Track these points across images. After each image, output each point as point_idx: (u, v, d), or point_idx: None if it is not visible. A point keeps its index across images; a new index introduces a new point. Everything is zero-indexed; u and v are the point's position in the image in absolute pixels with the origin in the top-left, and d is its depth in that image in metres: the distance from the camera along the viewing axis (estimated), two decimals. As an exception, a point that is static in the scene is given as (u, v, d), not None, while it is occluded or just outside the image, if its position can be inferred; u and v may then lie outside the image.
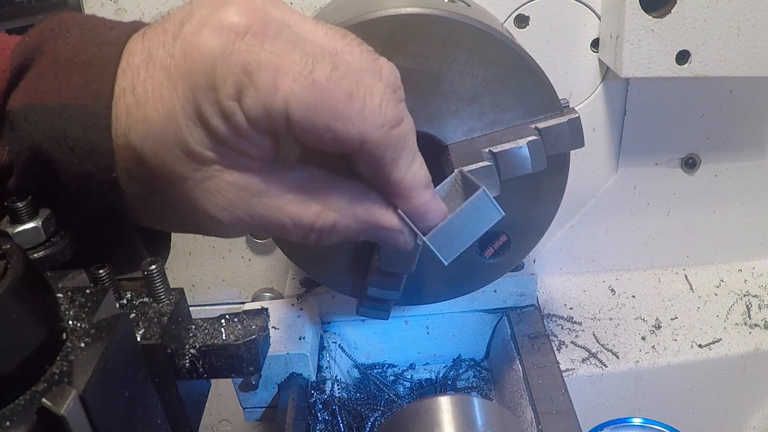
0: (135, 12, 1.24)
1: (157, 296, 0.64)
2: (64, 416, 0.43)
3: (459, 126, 0.94)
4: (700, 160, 1.38)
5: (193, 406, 0.68)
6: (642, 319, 1.37)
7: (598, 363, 1.28)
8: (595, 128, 1.33)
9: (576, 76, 1.28)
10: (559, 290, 1.45)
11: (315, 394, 1.16)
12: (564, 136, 0.93)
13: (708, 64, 1.12)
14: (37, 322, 0.47)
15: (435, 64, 0.90)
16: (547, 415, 1.06)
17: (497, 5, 1.21)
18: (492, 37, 0.89)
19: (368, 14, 0.87)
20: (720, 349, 1.32)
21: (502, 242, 1.03)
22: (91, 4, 1.25)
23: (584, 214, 1.42)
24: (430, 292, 1.09)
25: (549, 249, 1.45)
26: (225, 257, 1.48)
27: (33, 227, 0.64)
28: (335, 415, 1.13)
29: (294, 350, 1.16)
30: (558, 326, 1.35)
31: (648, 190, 1.41)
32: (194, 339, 0.65)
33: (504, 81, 0.92)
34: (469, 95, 0.92)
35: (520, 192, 0.99)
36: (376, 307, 1.05)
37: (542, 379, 1.13)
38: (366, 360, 1.35)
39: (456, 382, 1.31)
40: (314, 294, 1.29)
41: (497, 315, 1.31)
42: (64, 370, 0.47)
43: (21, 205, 0.64)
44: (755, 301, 1.41)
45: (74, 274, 0.60)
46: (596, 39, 1.25)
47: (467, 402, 0.77)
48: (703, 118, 1.34)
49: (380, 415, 1.16)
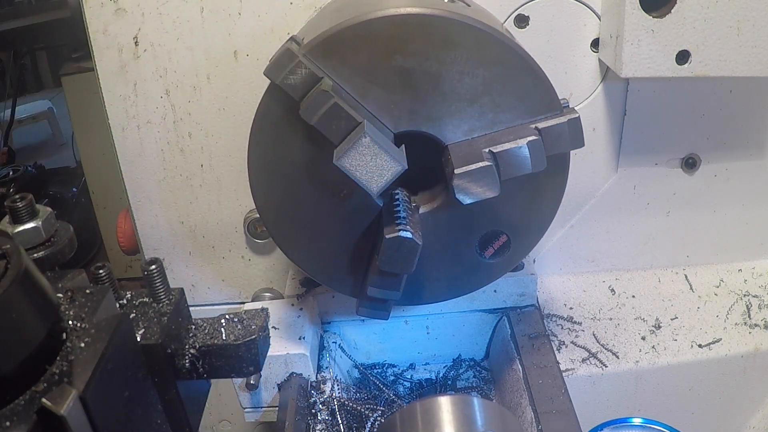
0: (135, 12, 1.24)
1: (157, 296, 0.64)
2: (64, 416, 0.43)
3: (459, 126, 0.94)
4: (700, 160, 1.38)
5: (193, 406, 0.68)
6: (642, 319, 1.37)
7: (598, 363, 1.28)
8: (595, 128, 1.33)
9: (576, 76, 1.28)
10: (559, 290, 1.45)
11: (315, 394, 1.15)
12: (564, 136, 0.93)
13: (708, 64, 1.12)
14: (37, 322, 0.47)
15: (435, 64, 0.90)
16: (547, 415, 1.06)
17: (497, 5, 1.21)
18: (492, 37, 0.89)
19: (368, 14, 0.87)
20: (720, 349, 1.32)
21: (502, 242, 1.03)
22: (91, 4, 1.25)
23: (584, 214, 1.42)
24: (430, 292, 1.09)
25: (549, 249, 1.45)
26: (225, 257, 1.48)
27: (33, 227, 0.64)
28: (335, 415, 1.13)
29: (294, 350, 1.16)
30: (558, 326, 1.35)
31: (648, 190, 1.41)
32: (194, 339, 0.65)
33: (504, 81, 0.92)
34: (469, 95, 0.92)
35: (520, 192, 0.99)
36: (376, 307, 1.05)
37: (542, 379, 1.13)
38: (366, 360, 1.35)
39: (456, 382, 1.31)
40: (314, 294, 1.29)
41: (497, 315, 1.31)
42: (64, 370, 0.47)
43: (21, 205, 0.64)
44: (755, 301, 1.41)
45: (74, 274, 0.60)
46: (596, 39, 1.25)
47: (467, 402, 0.77)
48: (703, 118, 1.34)
49: (380, 415, 1.16)
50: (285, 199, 1.00)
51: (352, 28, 0.88)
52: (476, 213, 0.99)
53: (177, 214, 1.42)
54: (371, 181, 0.87)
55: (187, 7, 1.24)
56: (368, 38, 0.88)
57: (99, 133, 1.88)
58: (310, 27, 1.02)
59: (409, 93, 0.92)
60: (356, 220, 1.01)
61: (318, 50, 0.89)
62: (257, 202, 1.01)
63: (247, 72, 1.29)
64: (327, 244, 1.03)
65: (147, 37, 1.26)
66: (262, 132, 0.96)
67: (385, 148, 0.86)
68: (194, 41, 1.27)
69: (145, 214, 1.43)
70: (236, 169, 1.37)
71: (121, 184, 1.41)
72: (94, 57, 1.29)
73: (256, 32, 1.26)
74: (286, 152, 0.96)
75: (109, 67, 1.30)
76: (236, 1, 1.24)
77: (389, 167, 0.86)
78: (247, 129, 0.96)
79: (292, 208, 1.00)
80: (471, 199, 0.90)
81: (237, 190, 1.40)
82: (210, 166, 1.37)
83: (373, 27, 0.87)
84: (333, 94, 0.87)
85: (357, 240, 1.02)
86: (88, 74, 2.99)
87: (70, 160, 4.62)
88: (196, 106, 1.32)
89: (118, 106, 1.32)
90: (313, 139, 0.93)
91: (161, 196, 1.41)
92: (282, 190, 0.99)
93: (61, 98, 4.09)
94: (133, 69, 1.29)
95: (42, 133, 5.89)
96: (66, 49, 3.93)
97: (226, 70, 1.29)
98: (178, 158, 1.37)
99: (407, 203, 0.98)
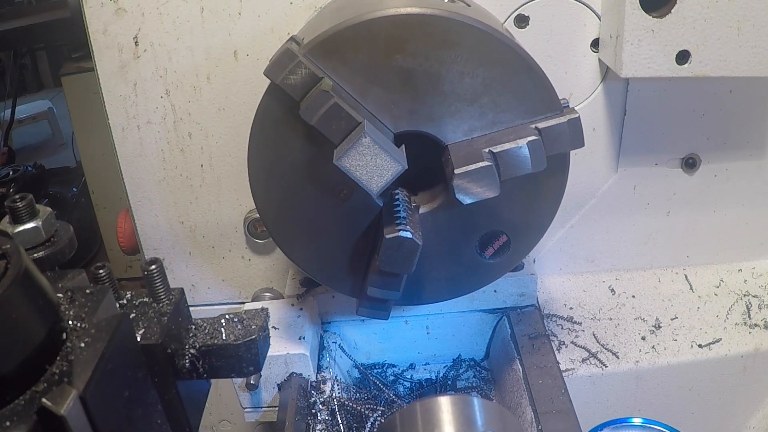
0: (135, 12, 1.24)
1: (157, 296, 0.64)
2: (64, 416, 0.43)
3: (459, 126, 0.94)
4: (700, 160, 1.38)
5: (193, 406, 0.68)
6: (642, 319, 1.37)
7: (598, 363, 1.28)
8: (595, 128, 1.33)
9: (576, 76, 1.28)
10: (559, 290, 1.45)
11: (315, 394, 1.15)
12: (564, 136, 0.93)
13: (708, 64, 1.12)
14: (37, 322, 0.47)
15: (435, 64, 0.90)
16: (547, 415, 1.06)
17: (497, 5, 1.21)
18: (492, 37, 0.89)
19: (368, 14, 0.87)
20: (720, 349, 1.32)
21: (502, 242, 1.03)
22: (91, 4, 1.25)
23: (584, 214, 1.42)
24: (430, 292, 1.09)
25: (549, 249, 1.45)
26: (225, 257, 1.48)
27: (33, 227, 0.64)
28: (335, 415, 1.13)
29: (294, 350, 1.16)
30: (558, 326, 1.35)
31: (648, 190, 1.41)
32: (194, 339, 0.65)
33: (504, 81, 0.92)
34: (469, 95, 0.92)
35: (520, 192, 0.99)
36: (376, 307, 1.05)
37: (542, 379, 1.13)
38: (366, 360, 1.35)
39: (456, 382, 1.31)
40: (314, 294, 1.29)
41: (497, 315, 1.31)
42: (64, 370, 0.47)
43: (21, 205, 0.64)
44: (755, 301, 1.41)
45: (74, 274, 0.60)
46: (596, 39, 1.25)
47: (467, 402, 0.77)
48: (703, 118, 1.34)
49: (380, 415, 1.16)
50: (285, 199, 1.00)
51: (352, 28, 0.88)
52: (476, 213, 0.99)
53: (177, 214, 1.42)
54: (371, 181, 0.87)
55: (187, 7, 1.24)
56: (368, 38, 0.88)
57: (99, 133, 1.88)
58: (310, 27, 1.02)
59: (409, 93, 0.92)
60: (356, 220, 1.01)
61: (318, 50, 0.89)
62: (257, 202, 1.01)
63: (247, 72, 1.29)
64: (327, 244, 1.03)
65: (147, 37, 1.26)
66: (262, 132, 0.96)
67: (385, 148, 0.86)
68: (194, 41, 1.27)
69: (145, 214, 1.43)
70: (236, 169, 1.37)
71: (121, 184, 1.41)
72: (94, 57, 1.29)
73: (256, 32, 1.26)
74: (286, 152, 0.96)
75: (109, 67, 1.30)
76: (236, 1, 1.24)
77: (389, 167, 0.86)
78: (247, 129, 0.96)
79: (292, 208, 1.00)
80: (471, 199, 0.90)
81: (237, 190, 1.40)
82: (210, 166, 1.37)
83: (373, 27, 0.87)
84: (333, 94, 0.87)
85: (357, 240, 1.02)
86: (88, 74, 3.00)
87: (70, 160, 4.63)
88: (196, 106, 1.32)
89: (118, 106, 1.32)
90: (313, 139, 0.93)
91: (161, 196, 1.41)
92: (282, 190, 0.99)
93: (61, 98, 4.10)
94: (133, 69, 1.29)
95: (42, 133, 5.90)
96: (66, 49, 3.93)
97: (226, 70, 1.29)
98: (178, 158, 1.37)
99: (407, 203, 0.98)
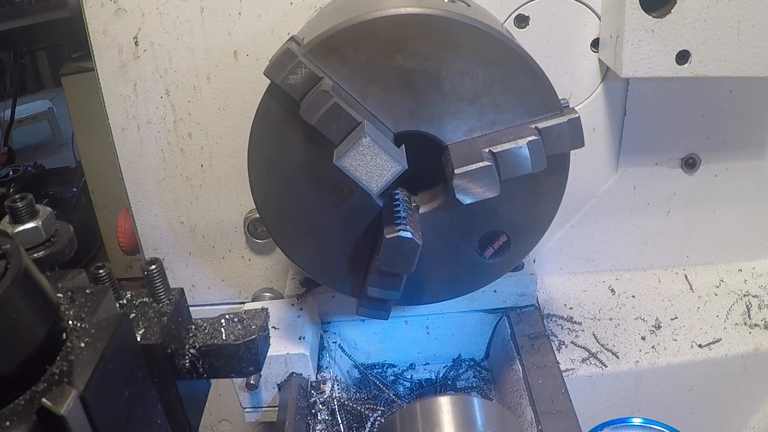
0: (135, 12, 1.24)
1: (157, 296, 0.64)
2: (64, 416, 0.43)
3: (459, 126, 0.94)
4: (700, 160, 1.38)
5: (193, 406, 0.68)
6: (642, 319, 1.37)
7: (598, 363, 1.28)
8: (595, 128, 1.33)
9: (576, 76, 1.28)
10: (559, 290, 1.45)
11: (315, 394, 1.15)
12: (564, 136, 0.93)
13: (708, 64, 1.12)
14: (37, 322, 0.47)
15: (435, 64, 0.90)
16: (547, 415, 1.06)
17: (497, 5, 1.21)
18: (492, 37, 0.89)
19: (368, 14, 0.87)
20: (720, 349, 1.32)
21: (502, 242, 1.03)
22: (91, 4, 1.25)
23: (584, 214, 1.42)
24: (430, 292, 1.09)
25: (549, 249, 1.45)
26: (225, 257, 1.48)
27: (33, 227, 0.64)
28: (335, 415, 1.13)
29: (294, 350, 1.16)
30: (558, 326, 1.35)
31: (648, 190, 1.41)
32: (194, 339, 0.65)
33: (504, 81, 0.91)
34: (469, 95, 0.92)
35: (520, 192, 0.99)
36: (376, 307, 1.05)
37: (542, 379, 1.13)
38: (366, 360, 1.35)
39: (456, 382, 1.31)
40: (314, 294, 1.29)
41: (497, 315, 1.31)
42: (64, 370, 0.47)
43: (21, 205, 0.64)
44: (755, 301, 1.41)
45: (74, 274, 0.60)
46: (596, 39, 1.25)
47: (467, 402, 0.77)
48: (703, 118, 1.34)
49: (380, 415, 1.16)
50: (285, 199, 1.00)
51: (352, 28, 0.88)
52: (476, 213, 0.99)
53: (177, 214, 1.42)
54: (371, 181, 0.87)
55: (187, 7, 1.24)
56: (368, 38, 0.88)
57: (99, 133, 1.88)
58: (310, 27, 1.02)
59: (409, 93, 0.92)
60: (356, 220, 1.01)
61: (318, 50, 0.89)
62: (257, 202, 1.01)
63: (247, 72, 1.29)
64: (327, 244, 1.03)
65: (147, 37, 1.26)
66: (262, 132, 0.96)
67: (385, 148, 0.85)
68: (194, 41, 1.27)
69: (145, 214, 1.43)
70: (236, 169, 1.37)
71: (121, 184, 1.41)
72: (94, 57, 1.29)
73: (256, 32, 1.26)
74: (286, 152, 0.96)
75: (109, 67, 1.30)
76: (236, 1, 1.24)
77: (389, 167, 0.86)
78: (247, 129, 0.96)
79: (292, 208, 1.00)
80: (471, 199, 0.90)
81: (237, 190, 1.40)
82: (210, 166, 1.37)
83: (373, 27, 0.87)
84: (333, 94, 0.87)
85: (357, 240, 1.02)
86: (88, 74, 3.00)
87: (70, 160, 4.63)
88: (196, 106, 1.32)
89: (118, 106, 1.32)
90: (313, 139, 0.93)
91: (161, 196, 1.41)
92: (282, 190, 0.99)
93: (61, 98, 4.10)
94: (133, 69, 1.29)
95: (42, 133, 5.89)
96: (66, 49, 3.93)
97: (226, 70, 1.29)
98: (178, 158, 1.37)
99: (407, 203, 0.98)
